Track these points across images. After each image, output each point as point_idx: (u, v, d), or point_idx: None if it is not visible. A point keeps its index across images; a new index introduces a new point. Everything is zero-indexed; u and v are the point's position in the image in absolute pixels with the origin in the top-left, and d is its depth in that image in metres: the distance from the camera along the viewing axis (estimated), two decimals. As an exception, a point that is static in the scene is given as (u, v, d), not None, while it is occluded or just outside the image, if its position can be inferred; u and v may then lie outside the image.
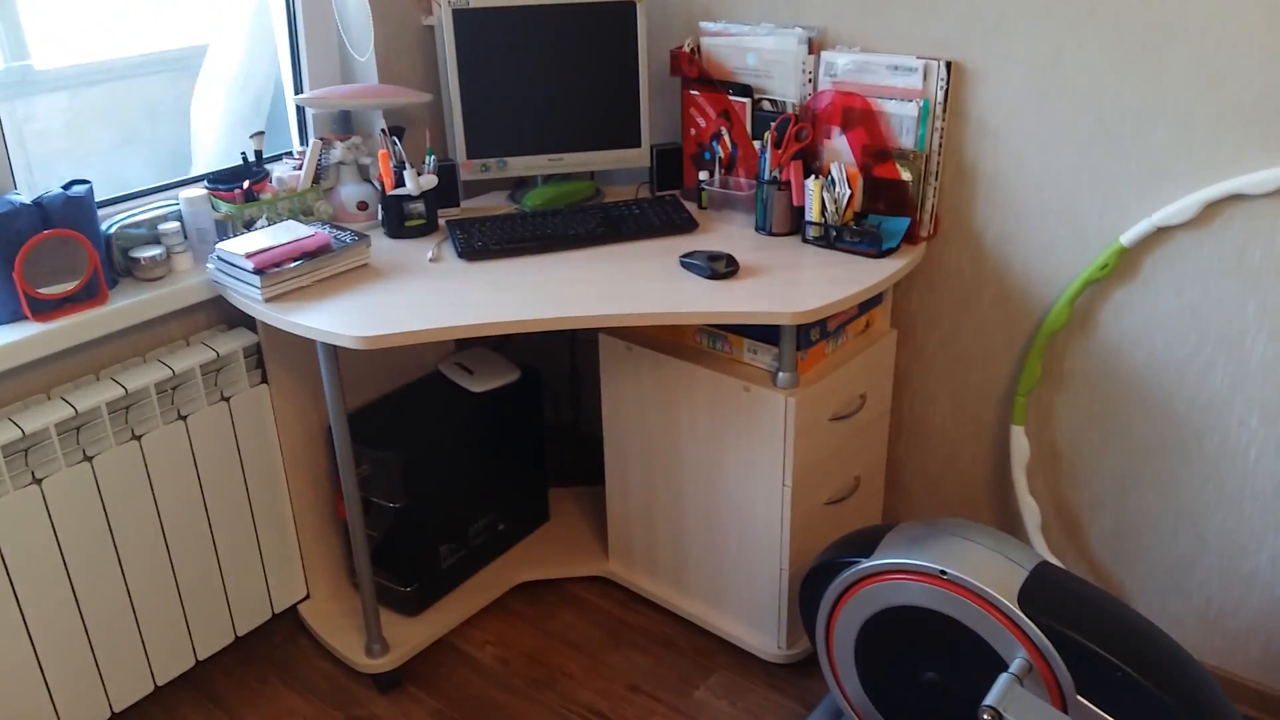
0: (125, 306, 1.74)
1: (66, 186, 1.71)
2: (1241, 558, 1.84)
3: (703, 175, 2.13)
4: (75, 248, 1.69)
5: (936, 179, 1.91)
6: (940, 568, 1.59)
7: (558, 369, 2.74)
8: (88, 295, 1.72)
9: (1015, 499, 2.04)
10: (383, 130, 2.05)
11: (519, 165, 2.16)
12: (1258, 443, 1.76)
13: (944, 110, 1.85)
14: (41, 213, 1.66)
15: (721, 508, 1.98)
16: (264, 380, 1.96)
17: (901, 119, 1.88)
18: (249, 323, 1.96)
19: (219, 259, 1.79)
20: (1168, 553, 1.93)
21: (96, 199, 1.79)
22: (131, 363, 1.83)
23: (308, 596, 2.18)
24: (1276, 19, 1.53)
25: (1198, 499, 1.86)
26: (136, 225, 1.84)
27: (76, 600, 1.75)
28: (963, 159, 1.91)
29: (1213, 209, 1.68)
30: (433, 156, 2.04)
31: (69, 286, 1.69)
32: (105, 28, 1.99)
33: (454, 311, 1.69)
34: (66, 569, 1.72)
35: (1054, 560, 1.91)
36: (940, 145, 1.88)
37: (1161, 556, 1.94)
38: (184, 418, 1.84)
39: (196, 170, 2.15)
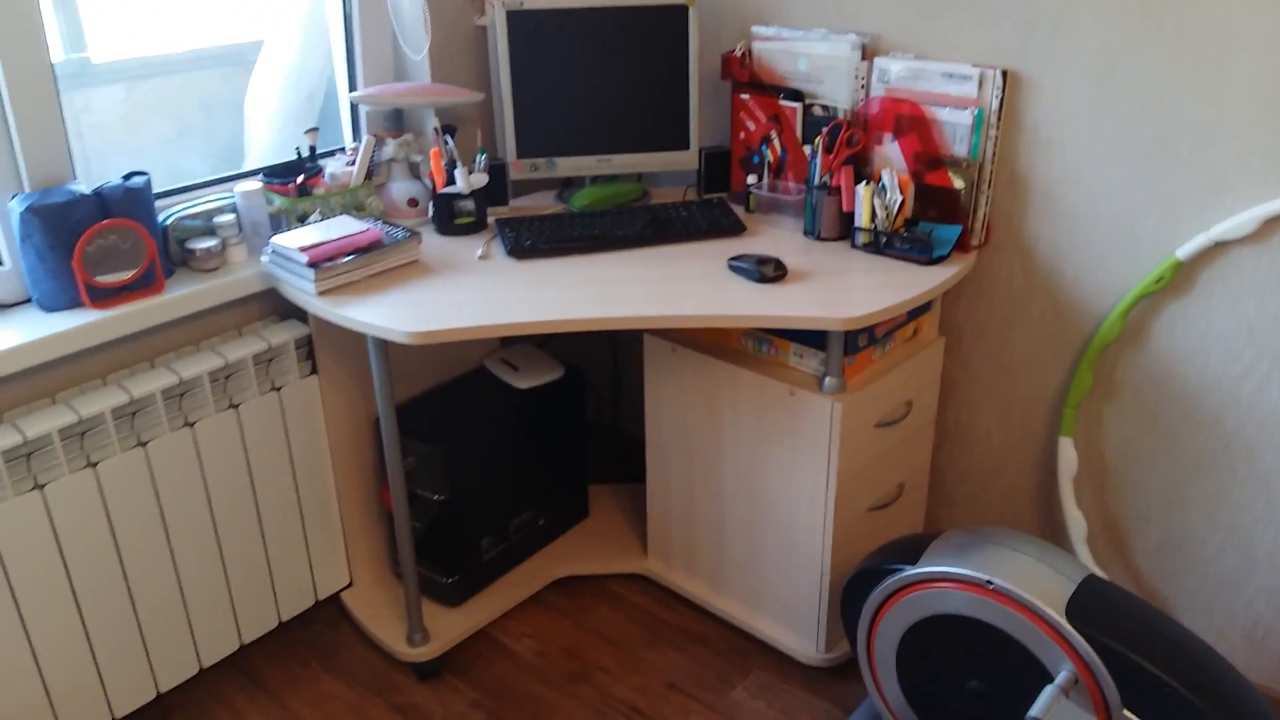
0: (181, 296, 1.77)
1: (126, 178, 1.74)
2: (1291, 577, 1.82)
3: (751, 179, 2.13)
4: (133, 237, 1.72)
5: (989, 187, 1.90)
6: (987, 577, 1.58)
7: (599, 367, 2.75)
8: (144, 284, 1.75)
9: (1061, 510, 2.02)
10: (435, 128, 2.07)
11: (568, 166, 2.17)
12: (1312, 461, 1.74)
13: (998, 119, 1.84)
14: (101, 203, 1.69)
15: (762, 510, 1.98)
16: (314, 371, 1.99)
17: (955, 127, 1.87)
18: (300, 315, 1.99)
19: (274, 252, 1.81)
20: (1215, 570, 1.91)
21: (154, 190, 1.82)
22: (186, 351, 1.86)
23: (351, 584, 2.21)
24: (1345, 32, 1.51)
25: (1247, 516, 1.84)
26: (193, 217, 1.87)
27: (127, 581, 1.79)
28: (1016, 168, 1.89)
29: (1272, 224, 1.66)
30: (484, 155, 2.05)
31: (126, 275, 1.72)
32: (162, 21, 2.03)
33: (503, 309, 1.70)
34: (118, 550, 1.76)
35: (1099, 572, 1.89)
36: (994, 154, 1.87)
37: (1208, 573, 1.92)
38: (235, 406, 1.86)
39: (250, 164, 2.18)
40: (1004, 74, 1.81)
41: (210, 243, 1.84)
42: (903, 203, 1.89)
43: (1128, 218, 1.80)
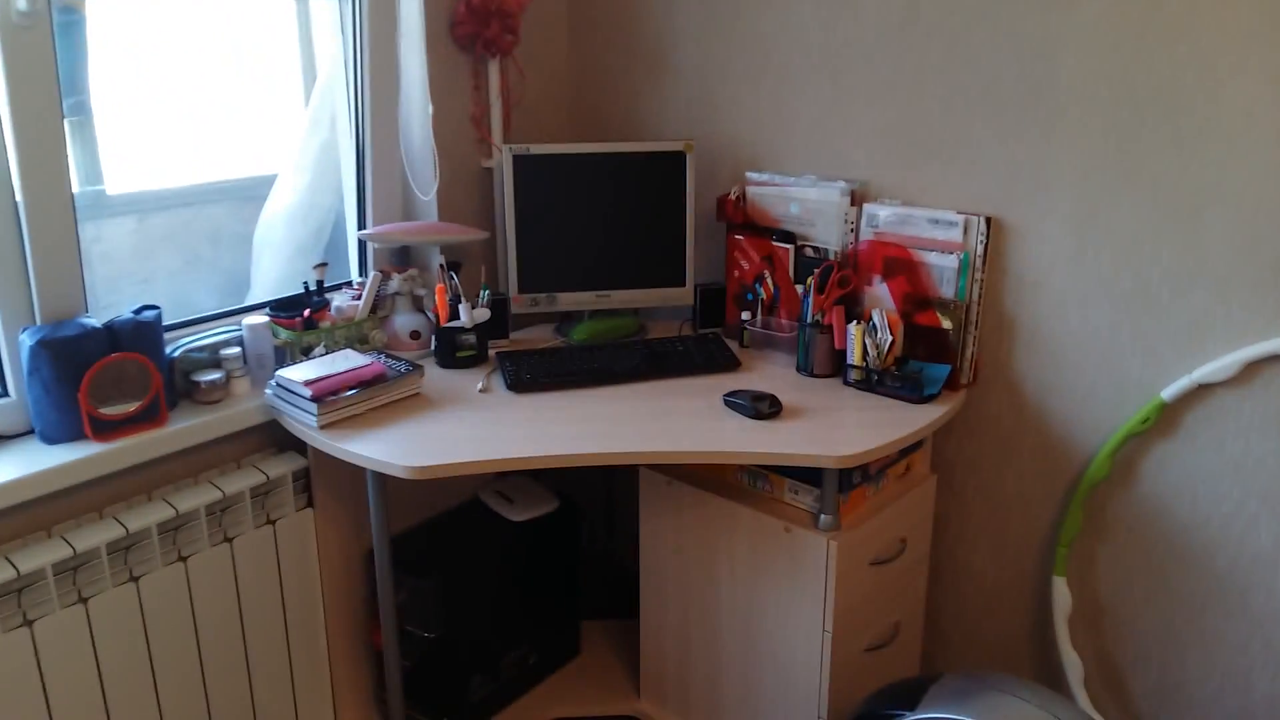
0: (183, 429, 1.78)
1: (137, 311, 1.78)
2: (1293, 722, 1.80)
3: (745, 315, 2.18)
4: (140, 370, 1.74)
5: (976, 328, 1.95)
6: (986, 723, 1.56)
7: (593, 497, 2.75)
8: (148, 417, 1.76)
9: (1057, 651, 2.01)
10: (441, 265, 2.13)
11: (568, 300, 2.23)
12: (1306, 603, 1.75)
13: (984, 263, 1.91)
14: (111, 336, 1.72)
15: (759, 649, 1.96)
16: (309, 504, 1.98)
17: (942, 269, 1.93)
18: (299, 446, 1.99)
19: (277, 385, 1.84)
20: (1214, 712, 1.89)
21: (163, 323, 1.85)
22: (184, 484, 1.86)
23: (335, 725, 2.15)
24: (1311, 189, 1.59)
25: (1244, 658, 1.83)
26: (200, 349, 1.90)
27: (109, 718, 1.74)
28: (1002, 309, 1.95)
29: (1253, 368, 1.71)
30: (487, 292, 2.10)
31: (131, 408, 1.74)
32: (176, 156, 2.10)
33: (502, 444, 1.72)
34: (103, 689, 1.72)
35: (1099, 719, 1.87)
36: (980, 295, 1.93)
37: (1208, 716, 1.90)
38: (230, 540, 1.85)
39: (255, 296, 2.22)
40: (988, 220, 1.89)
41: (215, 375, 1.86)
42: (893, 342, 1.94)
43: (1113, 359, 1.85)
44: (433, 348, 2.13)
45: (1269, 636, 1.79)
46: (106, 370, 1.70)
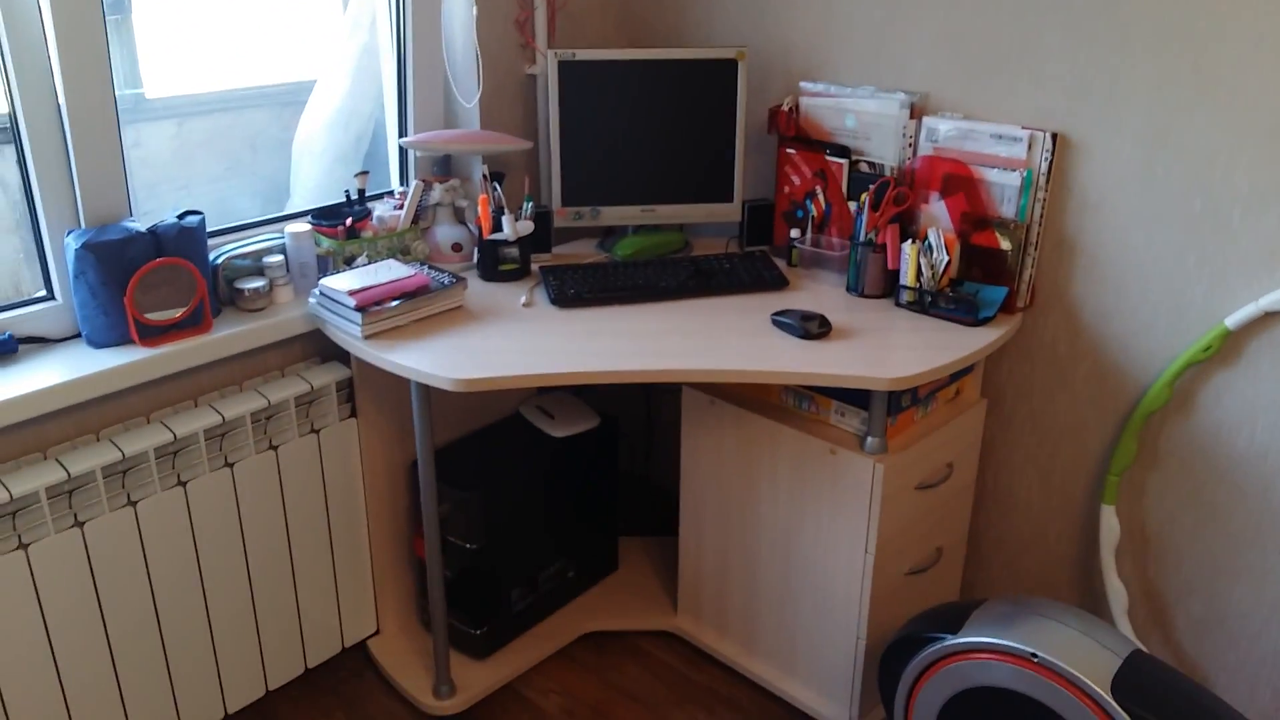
0: (228, 336, 1.78)
1: (180, 216, 1.76)
2: (1341, 657, 1.78)
3: (794, 233, 2.13)
4: (184, 276, 1.73)
5: (1036, 250, 1.89)
6: (1031, 650, 1.55)
7: (632, 416, 2.74)
8: (193, 323, 1.76)
9: (1101, 580, 1.99)
10: (484, 175, 2.08)
11: (612, 215, 2.18)
12: (1364, 539, 1.71)
13: (1047, 181, 1.83)
14: (155, 241, 1.70)
15: (798, 571, 1.95)
16: (353, 414, 1.98)
17: (1003, 188, 1.86)
18: (342, 356, 1.99)
19: (321, 294, 1.82)
20: (1258, 646, 1.87)
21: (206, 229, 1.84)
22: (229, 391, 1.86)
23: (378, 632, 2.18)
24: (1405, 108, 1.50)
25: (1295, 592, 1.80)
26: (243, 257, 1.88)
27: (159, 621, 1.77)
28: (1064, 231, 1.89)
29: (1327, 296, 1.64)
30: (530, 203, 2.06)
31: (176, 314, 1.73)
32: (215, 59, 2.06)
33: (547, 358, 1.70)
34: (152, 591, 1.75)
35: (1143, 647, 1.86)
36: (1041, 216, 1.86)
37: (1252, 649, 1.88)
38: (275, 448, 1.86)
39: (294, 202, 2.19)
40: (1053, 137, 1.81)
41: (259, 283, 1.85)
42: (949, 262, 1.88)
43: (1176, 285, 1.79)
44: (475, 260, 2.10)
45: (1323, 571, 1.76)
46: (152, 275, 1.69)
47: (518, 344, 1.76)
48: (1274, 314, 1.70)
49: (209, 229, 1.91)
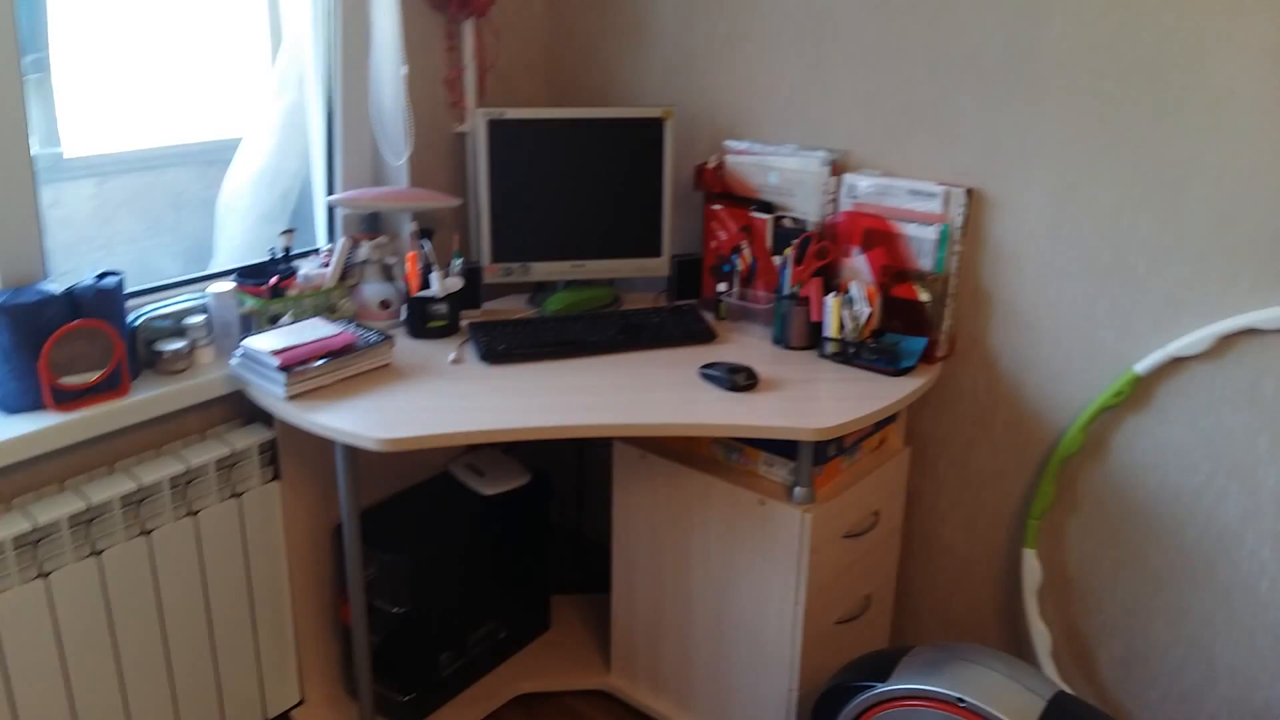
0: (146, 399, 1.73)
1: (98, 277, 1.72)
2: (1253, 690, 1.83)
3: (721, 287, 2.16)
4: (102, 339, 1.69)
5: (953, 301, 1.94)
6: (958, 695, 1.57)
7: (564, 472, 2.73)
8: (110, 387, 1.71)
9: (1025, 622, 2.02)
10: (413, 232, 2.08)
11: (542, 270, 2.19)
12: (1270, 574, 1.77)
13: (963, 235, 1.90)
14: (71, 302, 1.66)
15: (730, 623, 1.95)
16: (276, 477, 1.94)
17: (921, 241, 1.92)
18: (265, 418, 1.95)
19: (244, 355, 1.79)
20: (1178, 683, 1.91)
21: (125, 290, 1.80)
22: (147, 456, 1.81)
23: (302, 702, 2.12)
24: (1289, 165, 1.59)
25: (1208, 629, 1.85)
26: (163, 318, 1.84)
27: (71, 695, 1.70)
28: (980, 282, 1.95)
29: (1227, 342, 1.72)
30: (459, 260, 2.06)
31: (92, 377, 1.68)
32: (137, 118, 2.03)
33: (476, 416, 1.69)
34: (64, 664, 1.67)
35: (1066, 689, 1.89)
36: (958, 269, 1.92)
37: (1172, 686, 1.92)
38: (194, 513, 1.81)
39: (219, 261, 2.16)
40: (968, 192, 1.88)
41: (179, 344, 1.81)
42: (870, 314, 1.93)
43: (1088, 332, 1.85)
44: (403, 317, 2.09)
45: (1233, 608, 1.82)
46: (67, 338, 1.65)
47: (446, 402, 1.74)
48: (1181, 359, 1.77)
49: (128, 290, 1.87)
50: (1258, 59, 1.59)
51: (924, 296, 1.93)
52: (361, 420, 1.66)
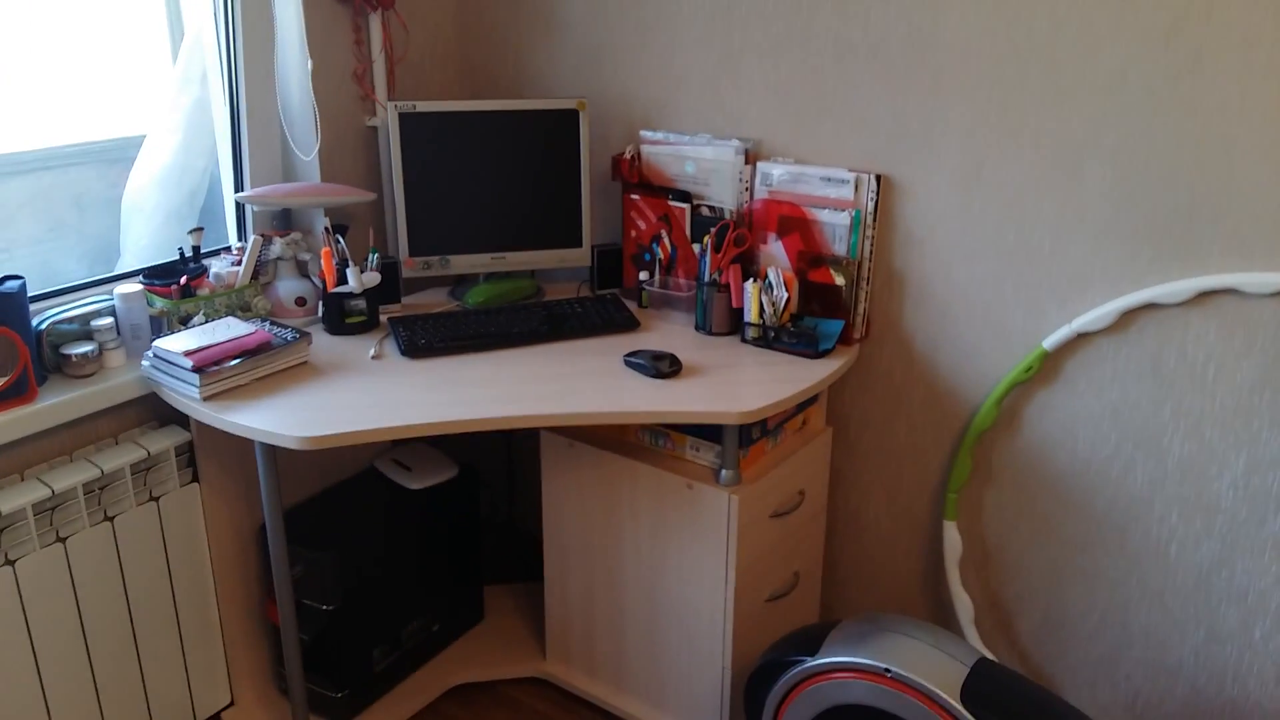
0: (54, 405, 1.69)
1: (0, 281, 1.67)
2: (1165, 651, 1.91)
3: (643, 275, 2.17)
4: (5, 344, 1.64)
5: (868, 284, 1.99)
6: (885, 665, 1.61)
7: (493, 463, 2.72)
8: (16, 393, 1.66)
9: (948, 592, 2.08)
10: (326, 228, 2.05)
11: (462, 263, 2.18)
12: (1178, 538, 1.84)
13: (874, 220, 1.94)
14: (-30, 308, 1.61)
15: (663, 606, 1.98)
16: (195, 479, 1.91)
17: (834, 227, 1.96)
18: (181, 420, 1.91)
19: (155, 356, 1.75)
20: (1095, 646, 1.99)
21: (28, 294, 1.75)
22: (58, 462, 1.76)
23: (232, 704, 2.08)
24: (1182, 142, 1.66)
25: (1121, 593, 1.93)
26: (68, 321, 1.79)
27: (-15, 715, 1.65)
28: (893, 266, 1.99)
29: (1129, 316, 1.78)
30: (376, 255, 2.04)
31: (-4, 384, 1.64)
32: (34, 116, 1.97)
33: (398, 411, 1.68)
34: (-23, 682, 1.63)
35: (989, 655, 1.95)
36: (871, 253, 1.96)
37: (1089, 649, 2.00)
38: (111, 519, 1.77)
39: (125, 262, 2.11)
40: (878, 178, 1.92)
41: (86, 348, 1.77)
42: (788, 299, 1.96)
43: (997, 311, 1.91)
44: (320, 314, 2.06)
45: (1145, 573, 1.89)
46: (-34, 345, 1.60)
47: (368, 398, 1.73)
48: (1086, 334, 1.83)
49: (32, 293, 1.81)
50: (1145, 44, 1.65)
51: (839, 280, 1.97)
52: (281, 419, 1.64)
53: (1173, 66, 1.64)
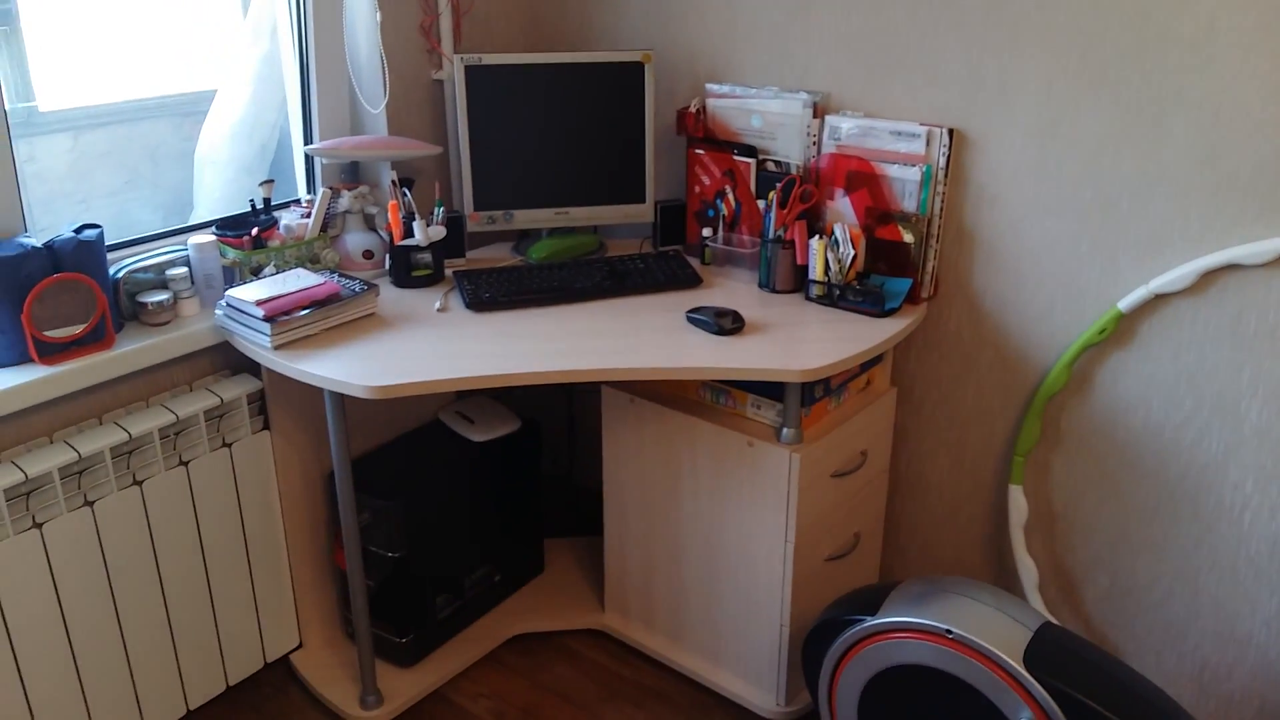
0: (131, 351, 1.73)
1: (78, 230, 1.71)
2: (1235, 621, 1.86)
3: (706, 232, 2.16)
4: (84, 291, 1.69)
5: (937, 242, 1.95)
6: (946, 627, 1.60)
7: (555, 418, 2.74)
8: (94, 339, 1.71)
9: (1012, 557, 2.05)
10: (393, 181, 2.07)
11: (525, 218, 2.19)
12: (1252, 507, 1.79)
13: (945, 175, 1.89)
14: (52, 256, 1.65)
15: (721, 562, 1.98)
16: (266, 427, 1.95)
17: (904, 183, 1.92)
18: (253, 368, 1.95)
19: (228, 305, 1.79)
20: (1162, 614, 1.95)
21: (105, 243, 1.79)
22: (135, 407, 1.81)
23: (300, 646, 2.15)
24: (1271, 97, 1.59)
25: (1192, 562, 1.89)
26: (144, 270, 1.84)
27: (71, 645, 1.72)
28: (963, 223, 1.95)
29: (1209, 277, 1.72)
30: (441, 208, 2.05)
31: (76, 330, 1.68)
32: (111, 71, 2.01)
33: (463, 362, 1.70)
34: (63, 613, 1.69)
35: (1053, 620, 1.92)
36: (941, 209, 1.92)
37: (1156, 618, 1.96)
38: (185, 463, 1.82)
39: (198, 215, 2.15)
40: (950, 132, 1.87)
41: (162, 296, 1.81)
42: (855, 257, 1.93)
43: (1071, 270, 1.86)
44: (387, 267, 2.08)
45: (1216, 541, 1.85)
46: (49, 292, 1.64)
47: (433, 349, 1.75)
48: (1163, 296, 1.78)
49: (109, 243, 1.86)
50: (1241, -10, 1.58)
51: (908, 238, 1.94)
52: (350, 368, 1.67)
53: (1264, 15, 1.56)
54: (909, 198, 1.92)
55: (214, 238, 1.90)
